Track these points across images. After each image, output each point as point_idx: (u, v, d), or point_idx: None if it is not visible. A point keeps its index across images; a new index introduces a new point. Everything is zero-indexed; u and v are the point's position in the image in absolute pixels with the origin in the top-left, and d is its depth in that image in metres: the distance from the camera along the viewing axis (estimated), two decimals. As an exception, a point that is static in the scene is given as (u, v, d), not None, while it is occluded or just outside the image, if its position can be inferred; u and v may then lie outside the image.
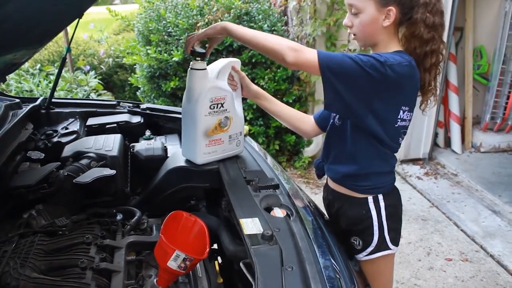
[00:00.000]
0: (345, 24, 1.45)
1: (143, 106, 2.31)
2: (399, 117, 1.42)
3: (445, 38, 3.89)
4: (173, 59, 3.74)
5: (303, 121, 1.75)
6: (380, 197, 1.52)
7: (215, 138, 1.61)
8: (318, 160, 1.69)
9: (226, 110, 1.60)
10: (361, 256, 1.57)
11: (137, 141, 2.02)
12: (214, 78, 1.56)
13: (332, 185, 1.62)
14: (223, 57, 3.82)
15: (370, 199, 1.52)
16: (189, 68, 1.53)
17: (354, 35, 1.46)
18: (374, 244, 1.53)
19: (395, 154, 1.57)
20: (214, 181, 1.62)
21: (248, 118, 3.90)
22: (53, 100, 2.21)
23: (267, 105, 1.72)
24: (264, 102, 1.71)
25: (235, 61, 1.64)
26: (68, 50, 2.25)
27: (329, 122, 1.60)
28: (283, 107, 1.74)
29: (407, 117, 1.45)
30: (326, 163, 1.62)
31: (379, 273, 1.61)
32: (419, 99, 1.51)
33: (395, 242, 1.57)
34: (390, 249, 1.55)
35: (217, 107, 1.57)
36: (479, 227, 3.28)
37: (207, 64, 1.58)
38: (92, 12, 5.94)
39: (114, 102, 2.37)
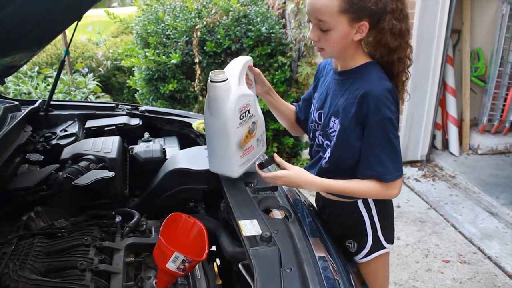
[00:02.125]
0: (311, 39, 1.36)
1: (141, 108, 2.32)
2: None
3: (442, 41, 3.93)
4: (172, 61, 3.75)
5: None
6: (370, 199, 1.51)
7: (247, 146, 1.52)
8: (304, 167, 1.67)
9: (252, 115, 1.50)
10: (357, 259, 1.57)
11: (136, 143, 2.03)
12: (237, 85, 1.42)
13: (322, 192, 1.62)
14: (221, 59, 3.84)
15: (360, 202, 1.51)
16: (209, 81, 1.39)
17: (320, 48, 1.37)
18: (369, 245, 1.54)
19: None
20: (213, 183, 1.62)
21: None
22: (51, 102, 2.22)
23: (273, 101, 1.67)
24: (271, 98, 1.66)
25: (249, 60, 1.51)
26: (67, 52, 2.25)
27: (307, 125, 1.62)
28: (287, 105, 1.72)
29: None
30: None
31: (376, 273, 1.62)
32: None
33: (390, 240, 1.57)
34: (385, 247, 1.56)
35: (245, 116, 1.46)
36: (477, 229, 3.29)
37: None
38: (91, 15, 5.94)
39: (113, 105, 2.38)
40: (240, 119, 1.43)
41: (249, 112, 1.47)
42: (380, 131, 1.32)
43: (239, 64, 1.46)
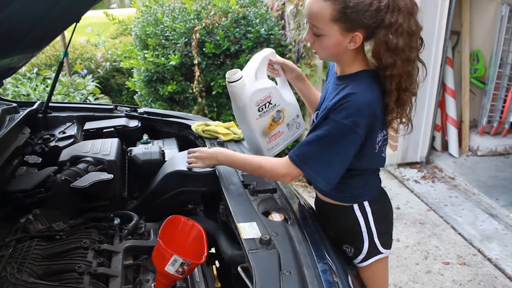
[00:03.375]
0: (306, 40, 1.37)
1: (140, 110, 2.31)
2: (377, 143, 1.41)
3: (441, 42, 3.93)
4: (170, 63, 3.74)
5: None
6: (366, 203, 1.49)
7: (274, 133, 1.64)
8: None
9: (275, 105, 1.59)
10: (355, 263, 1.56)
11: (135, 145, 2.02)
12: (253, 81, 1.53)
13: (319, 195, 1.60)
14: (220, 61, 3.83)
15: (356, 207, 1.49)
16: (226, 82, 1.53)
17: (314, 51, 1.39)
18: (365, 251, 1.52)
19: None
20: (212, 185, 1.62)
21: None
22: (50, 104, 2.21)
23: (303, 88, 1.69)
24: (301, 85, 1.68)
25: (270, 53, 1.60)
26: (65, 54, 2.25)
27: None
28: (316, 94, 1.71)
29: (383, 135, 1.43)
30: None
31: (374, 277, 1.60)
32: None
33: (387, 246, 1.56)
34: (382, 253, 1.54)
35: (265, 107, 1.57)
36: (477, 231, 3.28)
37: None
38: (90, 16, 5.91)
39: (112, 106, 2.37)
40: (259, 111, 1.55)
41: (270, 103, 1.57)
42: (328, 129, 1.30)
43: (256, 60, 1.56)
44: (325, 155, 1.34)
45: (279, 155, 1.60)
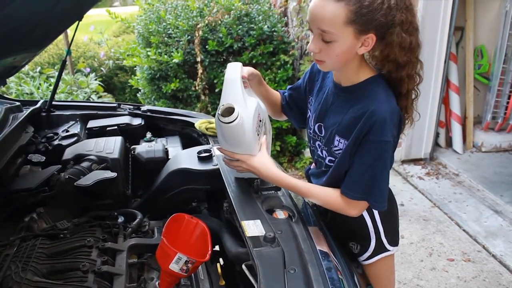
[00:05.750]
0: (311, 50, 1.25)
1: (143, 108, 2.31)
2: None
3: (445, 38, 3.91)
4: (173, 60, 3.74)
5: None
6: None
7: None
8: (308, 168, 1.65)
9: (262, 120, 1.45)
10: (361, 260, 1.56)
11: (138, 143, 2.02)
12: (245, 108, 1.32)
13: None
14: (223, 58, 3.82)
15: None
16: (220, 122, 1.29)
17: (320, 61, 1.27)
18: (372, 248, 1.51)
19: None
20: (216, 182, 1.61)
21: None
22: (53, 102, 2.21)
23: (264, 91, 1.58)
24: (263, 89, 1.57)
25: (241, 68, 1.39)
26: (68, 52, 2.25)
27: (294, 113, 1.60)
28: (274, 94, 1.65)
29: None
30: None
31: (380, 275, 1.60)
32: None
33: (394, 243, 1.55)
34: (389, 250, 1.53)
35: (260, 127, 1.41)
36: (481, 227, 3.27)
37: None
38: (92, 14, 5.94)
39: (115, 104, 2.37)
40: (258, 134, 1.39)
41: (261, 121, 1.43)
42: (374, 152, 1.26)
43: (236, 82, 1.34)
44: (378, 178, 1.30)
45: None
